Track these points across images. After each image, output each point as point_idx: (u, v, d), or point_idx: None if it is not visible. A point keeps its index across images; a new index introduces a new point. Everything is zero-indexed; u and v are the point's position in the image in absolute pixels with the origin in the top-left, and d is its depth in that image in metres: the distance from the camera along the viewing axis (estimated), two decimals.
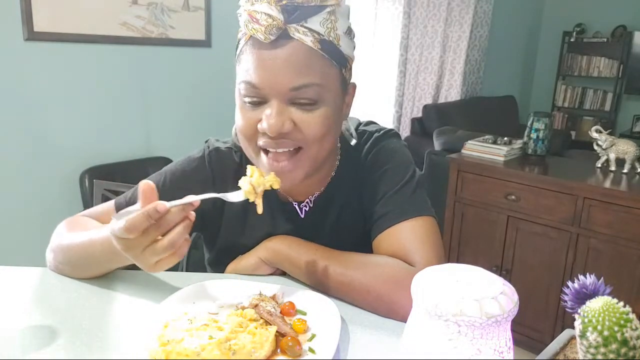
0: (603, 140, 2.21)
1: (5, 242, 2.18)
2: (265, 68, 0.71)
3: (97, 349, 0.65)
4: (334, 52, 0.73)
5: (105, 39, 2.33)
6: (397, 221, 0.81)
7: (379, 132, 0.91)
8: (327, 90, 0.74)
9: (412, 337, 0.50)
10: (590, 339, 0.48)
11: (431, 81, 4.10)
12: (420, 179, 0.88)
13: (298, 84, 0.71)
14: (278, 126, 0.71)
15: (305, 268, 0.80)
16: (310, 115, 0.73)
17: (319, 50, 0.71)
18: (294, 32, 0.70)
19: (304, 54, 0.71)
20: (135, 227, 0.61)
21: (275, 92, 0.71)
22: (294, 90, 0.71)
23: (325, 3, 0.71)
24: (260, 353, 0.61)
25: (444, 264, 0.52)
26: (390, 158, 0.88)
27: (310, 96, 0.72)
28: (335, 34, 0.73)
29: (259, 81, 0.71)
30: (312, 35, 0.70)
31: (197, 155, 0.92)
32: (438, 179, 2.65)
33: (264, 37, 0.69)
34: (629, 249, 2.00)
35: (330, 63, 0.74)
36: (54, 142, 2.28)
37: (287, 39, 0.70)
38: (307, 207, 0.90)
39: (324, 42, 0.72)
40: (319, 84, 0.72)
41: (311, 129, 0.74)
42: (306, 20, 0.70)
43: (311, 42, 0.71)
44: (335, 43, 0.73)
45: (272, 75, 0.71)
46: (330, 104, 0.75)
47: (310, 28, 0.70)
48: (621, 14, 4.93)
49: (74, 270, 0.83)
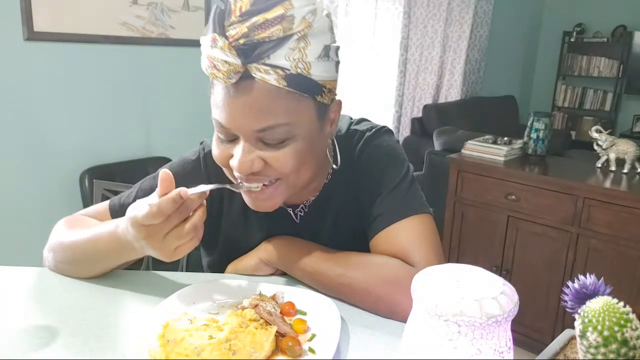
0: (603, 140, 2.21)
1: (5, 242, 2.18)
2: (229, 110, 0.68)
3: (97, 349, 0.65)
4: (304, 84, 0.68)
5: (105, 39, 2.33)
6: (394, 221, 0.80)
7: (370, 131, 0.89)
8: (296, 126, 0.70)
9: (412, 337, 0.50)
10: (590, 339, 0.48)
11: (431, 81, 4.10)
12: (413, 176, 0.87)
13: (262, 126, 0.68)
14: (246, 167, 0.70)
15: (305, 269, 0.80)
16: (280, 152, 0.71)
17: (285, 87, 0.66)
18: (255, 72, 0.65)
19: (267, 94, 0.66)
20: (163, 212, 0.64)
21: (242, 133, 0.69)
22: (258, 132, 0.69)
23: (290, 32, 0.65)
24: (260, 353, 0.61)
25: (444, 264, 0.52)
26: (383, 157, 0.86)
27: (278, 136, 0.69)
28: (304, 62, 0.67)
29: (225, 122, 0.69)
30: (275, 73, 0.65)
31: (192, 157, 0.90)
32: (438, 179, 2.65)
33: (224, 82, 0.66)
34: (629, 249, 2.00)
35: (299, 96, 0.69)
36: (54, 142, 2.28)
37: (249, 79, 0.66)
38: (302, 212, 0.89)
39: (290, 77, 0.66)
40: (286, 122, 0.69)
41: (282, 165, 0.71)
42: (268, 57, 0.65)
43: (275, 80, 0.65)
44: (304, 74, 0.67)
45: (235, 117, 0.68)
46: (301, 137, 0.71)
47: (273, 65, 0.65)
48: (621, 14, 4.93)
49: (76, 269, 0.82)
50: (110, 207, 0.89)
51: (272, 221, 0.89)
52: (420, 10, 3.94)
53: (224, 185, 0.74)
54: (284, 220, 0.89)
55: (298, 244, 0.84)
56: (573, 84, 5.34)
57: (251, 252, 0.88)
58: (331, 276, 0.77)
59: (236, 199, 0.90)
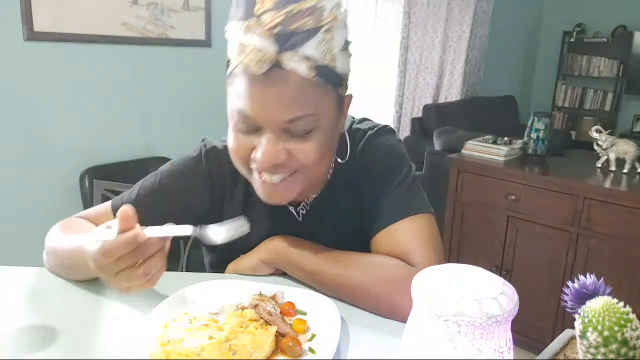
0: (603, 140, 2.21)
1: (5, 242, 2.18)
2: (258, 101, 0.68)
3: (96, 349, 0.65)
4: (330, 76, 0.70)
5: (105, 39, 2.33)
6: (395, 220, 0.80)
7: (372, 130, 0.89)
8: (320, 117, 0.71)
9: (412, 337, 0.50)
10: (590, 339, 0.48)
11: (431, 81, 4.10)
12: (415, 175, 0.87)
13: (291, 117, 0.68)
14: (272, 158, 0.70)
15: (305, 269, 0.80)
16: (305, 144, 0.71)
17: (314, 78, 0.68)
18: (286, 63, 0.66)
19: (297, 85, 0.67)
20: (111, 253, 0.58)
21: (268, 125, 0.69)
22: (287, 123, 0.69)
23: (320, 24, 0.66)
24: (260, 353, 0.61)
25: (444, 264, 0.52)
26: (385, 156, 0.86)
27: (305, 127, 0.70)
28: (331, 55, 0.68)
29: (251, 113, 0.69)
30: (306, 63, 0.66)
31: (193, 154, 0.90)
32: (438, 179, 2.65)
33: (255, 70, 0.66)
34: (629, 249, 2.00)
35: (325, 88, 0.70)
36: (54, 142, 2.28)
37: (279, 70, 0.66)
38: (304, 210, 0.89)
39: (319, 68, 0.68)
40: (314, 114, 0.70)
41: (306, 157, 0.72)
42: (300, 47, 0.66)
43: (305, 70, 0.67)
44: (330, 66, 0.69)
45: (264, 108, 0.68)
46: (325, 129, 0.73)
47: (304, 55, 0.66)
48: (621, 14, 4.93)
49: (66, 273, 0.83)
50: (112, 207, 0.89)
51: (274, 219, 0.89)
52: (420, 10, 3.94)
53: (188, 234, 0.65)
54: (286, 219, 0.89)
55: (298, 243, 0.84)
56: (573, 84, 5.34)
57: (251, 251, 0.88)
58: (331, 276, 0.77)
59: (236, 196, 0.90)
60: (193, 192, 0.88)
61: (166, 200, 0.87)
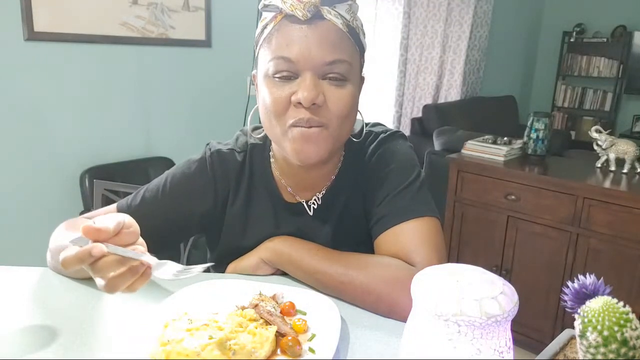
0: (603, 140, 2.21)
1: (5, 242, 2.18)
2: (301, 43, 0.75)
3: (97, 349, 0.65)
4: (358, 39, 0.80)
5: (105, 39, 2.33)
6: (399, 221, 0.81)
7: (385, 133, 0.91)
8: (353, 69, 0.79)
9: (412, 337, 0.50)
10: (590, 339, 0.48)
11: (431, 81, 4.10)
12: (425, 181, 0.88)
13: (331, 59, 0.75)
14: (313, 96, 0.75)
15: (306, 268, 0.80)
16: (340, 91, 0.77)
17: (347, 33, 0.78)
18: (326, 14, 0.76)
19: (336, 33, 0.76)
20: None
21: (310, 66, 0.75)
22: (327, 65, 0.76)
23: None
24: (260, 353, 0.61)
25: (444, 264, 0.52)
26: (395, 159, 0.88)
27: (341, 71, 0.77)
28: (357, 22, 0.80)
29: (294, 55, 0.75)
30: (341, 19, 0.77)
31: (198, 157, 0.92)
32: (438, 179, 2.65)
33: (302, 14, 0.74)
34: (629, 249, 2.00)
35: (355, 47, 0.80)
36: (54, 142, 2.28)
37: (320, 19, 0.76)
38: (315, 204, 0.90)
39: (350, 27, 0.78)
40: (349, 61, 0.78)
41: (339, 106, 0.77)
42: (335, 6, 0.77)
43: (341, 24, 0.77)
44: (357, 31, 0.80)
45: (307, 50, 0.75)
46: (355, 84, 0.80)
47: (339, 13, 0.77)
48: (621, 14, 4.93)
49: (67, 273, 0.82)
50: (118, 209, 0.90)
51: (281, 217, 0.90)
52: (420, 10, 3.94)
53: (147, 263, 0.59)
54: (297, 214, 0.90)
55: (298, 243, 0.84)
56: (573, 84, 5.34)
57: (252, 251, 0.88)
58: (332, 275, 0.77)
59: (239, 198, 0.91)
60: (198, 195, 0.89)
61: (171, 202, 0.88)
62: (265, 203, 0.90)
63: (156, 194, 0.88)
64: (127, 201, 0.90)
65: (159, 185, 0.89)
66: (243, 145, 0.93)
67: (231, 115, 2.67)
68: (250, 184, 0.91)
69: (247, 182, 0.91)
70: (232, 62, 2.75)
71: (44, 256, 0.87)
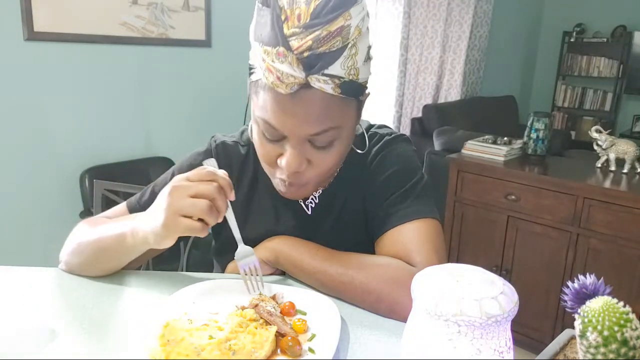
0: (603, 140, 2.21)
1: (5, 242, 2.18)
2: (285, 115, 0.70)
3: (97, 349, 0.65)
4: (353, 89, 0.72)
5: (105, 39, 2.33)
6: (400, 222, 0.81)
7: (390, 136, 0.91)
8: (342, 128, 0.75)
9: (412, 337, 0.50)
10: (590, 339, 0.48)
11: (431, 81, 4.10)
12: (427, 184, 0.88)
13: (316, 130, 0.72)
14: (295, 167, 0.74)
15: (306, 268, 0.80)
16: (326, 154, 0.75)
17: (339, 94, 0.70)
18: (314, 82, 0.67)
19: (323, 101, 0.69)
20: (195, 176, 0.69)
21: (295, 137, 0.73)
22: (312, 136, 0.73)
23: (347, 42, 0.67)
24: (260, 353, 0.61)
25: (444, 264, 0.52)
26: (398, 161, 0.88)
27: (328, 139, 0.74)
28: (355, 69, 0.70)
29: (277, 125, 0.72)
30: (332, 82, 0.68)
31: (203, 149, 0.94)
32: (438, 179, 2.65)
33: (284, 92, 0.68)
34: (629, 249, 2.00)
35: (349, 100, 0.73)
36: (54, 142, 2.28)
37: (307, 89, 0.68)
38: (312, 203, 0.90)
39: (344, 84, 0.69)
40: (337, 126, 0.73)
41: (324, 166, 0.77)
42: (327, 68, 0.67)
43: (332, 89, 0.68)
44: (354, 79, 0.70)
45: (291, 122, 0.71)
46: (345, 138, 0.77)
47: (331, 74, 0.67)
48: (621, 14, 4.93)
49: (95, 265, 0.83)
50: (128, 207, 0.92)
51: (281, 212, 0.90)
52: (420, 10, 3.94)
53: None
54: (294, 212, 0.90)
55: (298, 243, 0.84)
56: (573, 84, 5.34)
57: None
58: (332, 275, 0.77)
59: (242, 191, 0.91)
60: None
61: None
62: (266, 198, 0.91)
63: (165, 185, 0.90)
64: (137, 198, 0.92)
65: (166, 178, 0.92)
66: (247, 140, 0.94)
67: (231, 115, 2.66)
68: (253, 177, 0.92)
69: (250, 175, 0.92)
70: (232, 62, 2.74)
71: (44, 256, 0.87)
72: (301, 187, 0.80)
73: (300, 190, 0.81)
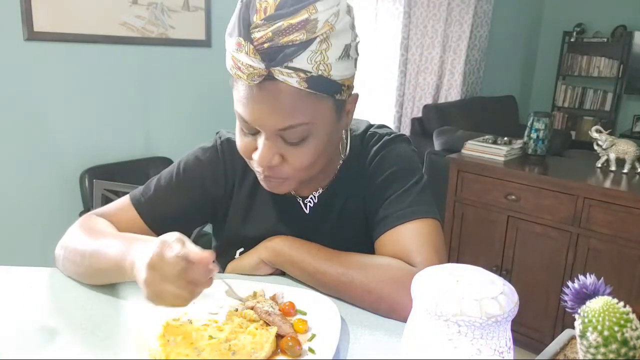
0: (603, 140, 2.21)
1: (5, 242, 2.18)
2: (253, 108, 0.70)
3: (97, 349, 0.65)
4: (324, 85, 0.69)
5: (105, 39, 2.33)
6: (400, 222, 0.81)
7: (389, 136, 0.91)
8: (315, 125, 0.72)
9: (412, 337, 0.50)
10: (590, 339, 0.48)
11: (431, 81, 4.10)
12: (427, 184, 0.88)
13: (283, 126, 0.70)
14: (267, 161, 0.74)
15: (306, 269, 0.80)
16: (299, 150, 0.74)
17: (306, 89, 0.68)
18: (278, 75, 0.66)
19: (289, 95, 0.68)
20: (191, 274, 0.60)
21: (265, 129, 0.72)
22: (280, 130, 0.71)
23: (313, 36, 0.65)
24: (260, 353, 0.61)
25: (444, 264, 0.52)
26: (397, 161, 0.88)
27: (298, 135, 0.72)
28: (325, 64, 0.67)
29: (247, 117, 0.72)
30: (297, 76, 0.66)
31: (209, 145, 0.94)
32: (438, 179, 2.65)
33: (247, 83, 0.68)
34: (629, 249, 2.00)
35: (320, 96, 0.70)
36: (54, 142, 2.28)
37: (271, 81, 0.67)
38: (311, 202, 0.90)
39: (311, 79, 0.67)
40: (307, 122, 0.71)
41: (299, 162, 0.75)
42: (291, 60, 0.65)
43: (297, 82, 0.67)
44: (325, 75, 0.68)
45: (258, 116, 0.70)
46: (319, 135, 0.74)
47: (295, 68, 0.66)
48: (621, 14, 4.93)
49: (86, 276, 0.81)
50: (132, 200, 0.89)
51: (281, 211, 0.91)
52: (420, 10, 3.94)
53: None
54: (293, 210, 0.90)
55: (299, 243, 0.84)
56: (573, 84, 5.34)
57: (251, 251, 0.88)
58: (332, 275, 0.77)
59: (245, 188, 0.92)
60: (210, 180, 0.91)
61: (186, 186, 0.90)
62: (267, 196, 0.91)
63: (170, 180, 0.90)
64: (141, 192, 0.91)
65: (172, 172, 0.91)
66: None
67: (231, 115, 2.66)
68: (255, 176, 0.91)
69: (253, 174, 0.91)
70: None
71: (43, 256, 0.87)
72: (282, 182, 0.79)
73: (283, 185, 0.80)
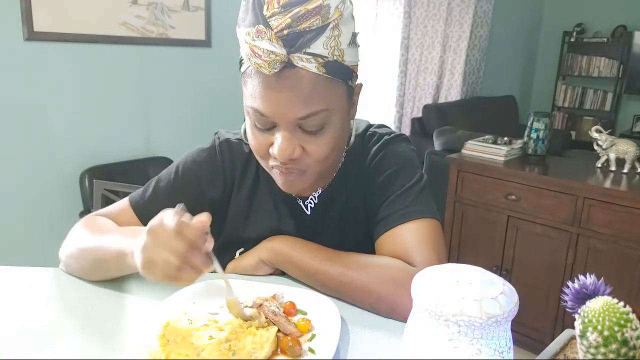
0: (603, 140, 2.21)
1: (5, 242, 2.18)
2: (271, 99, 0.70)
3: (97, 349, 0.65)
4: (339, 70, 0.72)
5: (105, 39, 2.33)
6: (400, 222, 0.81)
7: (389, 135, 0.91)
8: (333, 112, 0.74)
9: (412, 337, 0.50)
10: (590, 339, 0.48)
11: (431, 81, 4.10)
12: (427, 184, 0.88)
13: (304, 113, 0.71)
14: (288, 153, 0.73)
15: (306, 269, 0.80)
16: (318, 139, 0.74)
17: (324, 74, 0.70)
18: (297, 61, 0.68)
19: (308, 82, 0.69)
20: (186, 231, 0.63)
21: (283, 122, 0.72)
22: (300, 119, 0.71)
23: (327, 21, 0.68)
24: (261, 353, 0.61)
25: (444, 264, 0.52)
26: (397, 161, 0.88)
27: (318, 122, 0.73)
28: (339, 50, 0.71)
29: (266, 111, 0.71)
30: (315, 61, 0.69)
31: (207, 145, 0.94)
32: (438, 179, 2.65)
33: (267, 71, 0.68)
34: (629, 249, 2.00)
35: (336, 82, 0.73)
36: (54, 142, 2.28)
37: (291, 69, 0.69)
38: (311, 203, 0.90)
39: (328, 64, 0.70)
40: (326, 109, 0.72)
41: (318, 153, 0.75)
42: (309, 46, 0.67)
43: (315, 67, 0.69)
44: (339, 60, 0.71)
45: (278, 106, 0.70)
46: (336, 124, 0.75)
47: (313, 53, 0.68)
48: (621, 14, 4.93)
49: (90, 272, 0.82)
50: (131, 202, 0.90)
51: (281, 212, 0.90)
52: (420, 10, 3.94)
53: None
54: (293, 212, 0.90)
55: (298, 243, 0.84)
56: (573, 84, 5.34)
57: (251, 251, 0.88)
58: (332, 275, 0.77)
59: (244, 189, 0.92)
60: (208, 181, 0.91)
61: (184, 187, 0.90)
62: (267, 197, 0.91)
63: (169, 181, 0.90)
64: (140, 194, 0.91)
65: (170, 173, 0.91)
66: None
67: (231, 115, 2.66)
68: (255, 177, 0.92)
69: (253, 174, 0.92)
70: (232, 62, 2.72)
71: (43, 256, 0.87)
72: (300, 175, 0.78)
73: (301, 180, 0.78)
